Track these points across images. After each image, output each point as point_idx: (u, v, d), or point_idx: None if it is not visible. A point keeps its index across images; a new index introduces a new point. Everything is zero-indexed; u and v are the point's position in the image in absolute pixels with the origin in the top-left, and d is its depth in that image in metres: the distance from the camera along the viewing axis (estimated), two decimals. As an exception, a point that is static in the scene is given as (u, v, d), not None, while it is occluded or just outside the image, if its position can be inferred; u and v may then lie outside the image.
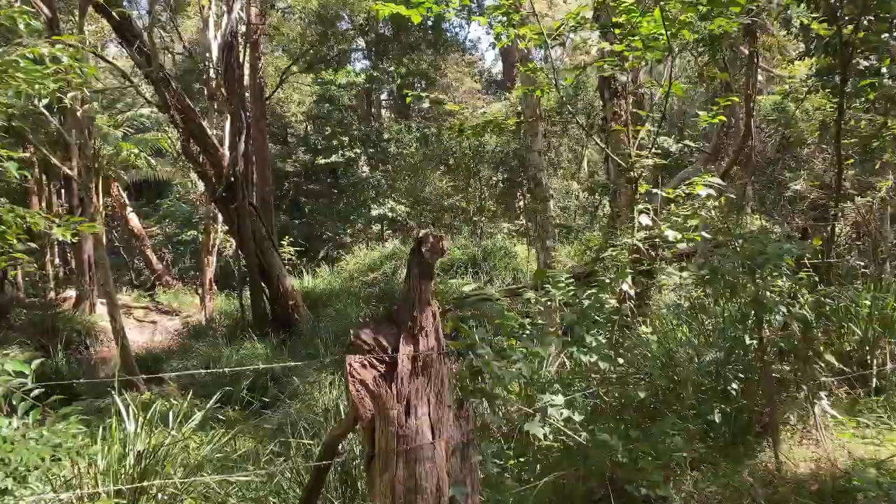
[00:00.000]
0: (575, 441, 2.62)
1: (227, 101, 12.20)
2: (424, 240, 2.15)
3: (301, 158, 22.30)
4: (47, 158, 10.17)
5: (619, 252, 3.20)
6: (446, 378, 2.04)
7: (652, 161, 3.47)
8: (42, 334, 13.40)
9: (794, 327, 3.02)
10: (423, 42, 21.24)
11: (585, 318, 2.96)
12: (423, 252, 2.14)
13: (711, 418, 2.74)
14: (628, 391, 2.82)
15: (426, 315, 2.09)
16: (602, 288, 3.06)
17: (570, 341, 2.83)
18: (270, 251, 13.09)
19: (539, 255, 6.63)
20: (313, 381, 8.97)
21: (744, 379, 2.98)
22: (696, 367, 2.98)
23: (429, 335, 2.06)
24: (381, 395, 1.92)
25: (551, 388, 2.65)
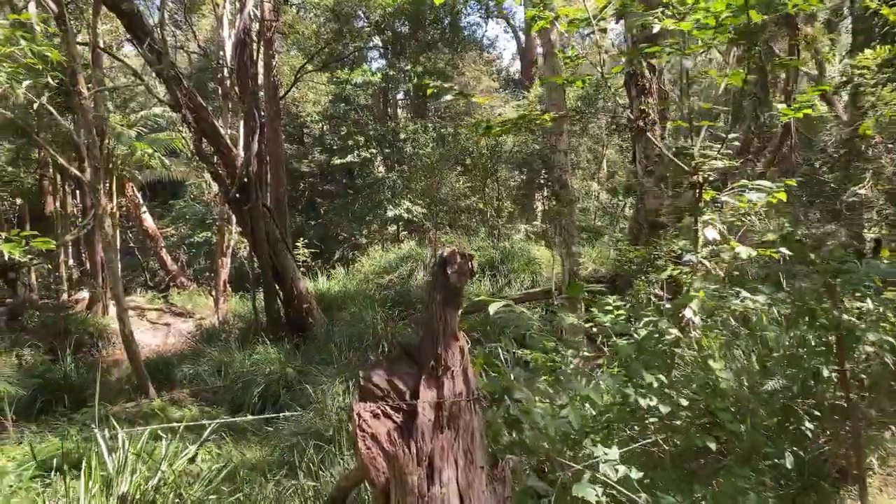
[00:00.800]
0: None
1: (240, 101, 11.93)
2: (450, 259, 1.80)
3: (316, 159, 22.05)
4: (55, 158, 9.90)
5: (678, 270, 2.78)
6: (478, 431, 1.68)
7: (723, 162, 3.04)
8: (54, 336, 13.24)
9: (883, 357, 2.62)
10: (441, 40, 20.88)
11: (642, 352, 2.57)
12: (448, 274, 1.79)
13: (781, 462, 2.35)
14: (692, 438, 2.42)
15: (452, 352, 1.74)
16: (661, 314, 2.66)
17: (626, 379, 2.44)
18: (284, 253, 12.81)
19: (564, 260, 6.27)
20: (326, 389, 8.64)
21: (819, 416, 2.58)
22: (757, 400, 2.58)
23: (456, 377, 1.71)
24: (398, 455, 1.57)
25: (601, 438, 2.27)
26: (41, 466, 6.60)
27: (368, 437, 1.66)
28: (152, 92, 11.11)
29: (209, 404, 9.53)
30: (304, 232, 21.16)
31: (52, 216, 17.12)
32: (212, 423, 5.17)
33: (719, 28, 2.65)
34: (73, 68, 7.79)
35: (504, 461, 1.82)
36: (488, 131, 3.35)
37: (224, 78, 15.39)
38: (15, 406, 8.48)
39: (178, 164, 20.14)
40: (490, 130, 3.34)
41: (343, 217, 22.60)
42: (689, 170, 2.87)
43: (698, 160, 2.88)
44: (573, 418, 2.05)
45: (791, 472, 2.33)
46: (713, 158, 2.94)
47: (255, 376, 9.83)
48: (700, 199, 2.85)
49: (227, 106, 16.24)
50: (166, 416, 8.55)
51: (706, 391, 2.50)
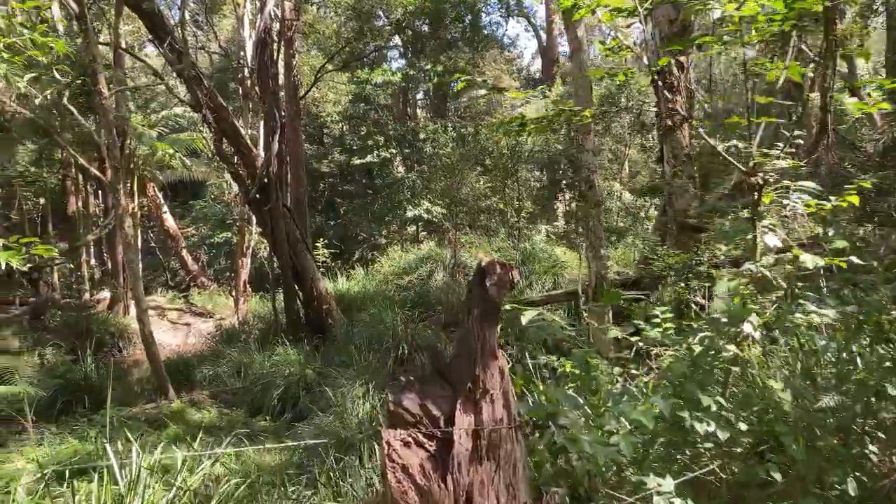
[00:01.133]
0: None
1: (261, 100, 11.87)
2: (489, 270, 1.64)
3: (336, 159, 22.01)
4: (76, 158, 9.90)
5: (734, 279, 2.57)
6: (520, 462, 1.52)
7: (787, 163, 2.81)
8: (76, 336, 13.29)
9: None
10: (462, 39, 20.73)
11: (697, 370, 2.35)
12: (486, 286, 1.64)
13: (844, 488, 2.15)
14: (752, 468, 2.21)
15: (491, 373, 1.58)
16: (717, 330, 2.44)
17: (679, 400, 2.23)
18: (304, 254, 12.74)
19: (591, 263, 6.08)
20: (346, 392, 8.52)
21: (885, 439, 2.37)
22: (813, 419, 2.37)
23: (495, 401, 1.54)
24: (433, 490, 1.39)
25: (655, 466, 2.08)
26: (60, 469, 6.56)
27: (399, 468, 1.48)
28: (173, 92, 11.09)
29: (228, 406, 9.47)
30: (324, 232, 21.12)
31: (74, 216, 17.24)
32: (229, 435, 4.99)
33: (789, 13, 2.44)
34: (94, 68, 7.76)
35: (549, 495, 1.65)
36: (522, 128, 3.18)
37: (244, 78, 15.37)
38: (35, 406, 8.49)
39: (199, 164, 20.20)
40: (524, 128, 3.17)
41: (362, 217, 22.53)
42: (748, 170, 2.66)
43: (759, 159, 2.67)
44: (625, 446, 1.86)
45: (854, 501, 2.13)
46: (776, 158, 2.72)
47: (275, 378, 9.75)
48: (759, 202, 2.63)
49: (248, 106, 16.22)
50: (185, 419, 8.49)
51: (768, 415, 2.30)
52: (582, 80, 6.54)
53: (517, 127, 3.22)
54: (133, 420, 8.44)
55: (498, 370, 1.62)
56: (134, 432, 8.08)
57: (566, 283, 14.97)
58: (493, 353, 1.65)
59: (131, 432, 8.03)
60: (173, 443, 7.84)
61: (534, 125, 3.21)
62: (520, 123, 3.19)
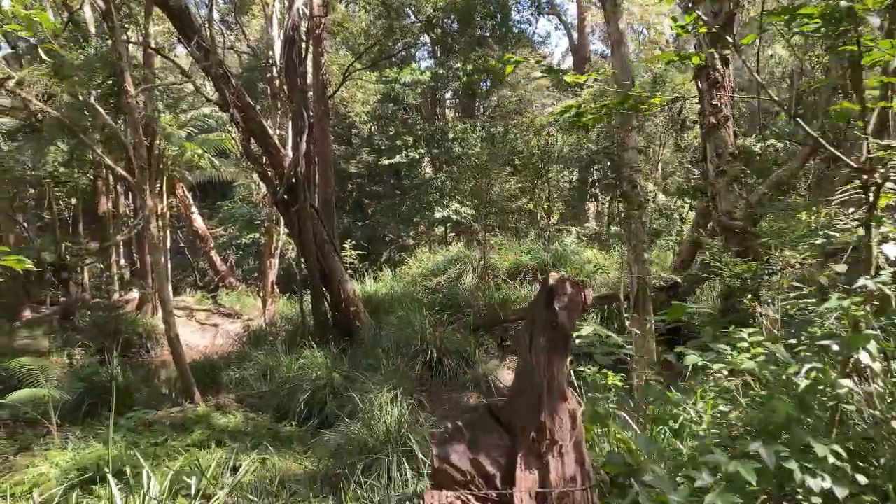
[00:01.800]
0: None
1: (289, 99, 11.71)
2: (558, 290, 1.35)
3: (364, 159, 21.86)
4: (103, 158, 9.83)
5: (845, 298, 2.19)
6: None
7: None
8: (104, 336, 13.30)
9: None
10: (492, 37, 20.41)
11: (805, 410, 1.99)
12: (555, 310, 1.34)
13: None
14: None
15: (561, 418, 1.27)
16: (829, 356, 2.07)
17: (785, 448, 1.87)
18: (332, 255, 12.55)
19: (633, 267, 5.75)
20: (374, 397, 8.27)
21: None
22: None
23: (565, 454, 1.24)
24: (490, 573, 1.12)
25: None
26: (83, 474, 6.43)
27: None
28: (200, 91, 10.99)
29: (254, 410, 9.29)
30: (352, 233, 20.98)
31: (105, 216, 17.32)
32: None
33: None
34: (121, 66, 7.64)
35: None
36: (579, 118, 2.87)
37: (273, 78, 15.26)
38: (61, 408, 8.40)
39: (228, 164, 20.20)
40: (581, 117, 2.86)
41: (390, 218, 22.36)
42: (863, 167, 2.29)
43: (879, 153, 2.29)
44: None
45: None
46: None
47: (302, 382, 9.55)
48: (876, 204, 2.26)
49: (276, 106, 16.12)
50: (211, 424, 8.33)
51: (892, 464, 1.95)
52: (623, 75, 6.21)
53: (573, 117, 2.91)
54: (158, 424, 8.30)
55: (568, 415, 1.31)
56: (158, 437, 7.97)
57: (599, 286, 14.60)
58: (563, 394, 1.35)
59: (155, 437, 7.93)
60: (202, 443, 7.73)
61: (594, 115, 2.89)
62: (576, 113, 2.88)
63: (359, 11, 20.68)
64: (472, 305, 13.31)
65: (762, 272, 3.74)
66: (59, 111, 11.41)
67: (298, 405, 9.20)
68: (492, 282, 14.79)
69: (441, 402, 10.46)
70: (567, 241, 18.63)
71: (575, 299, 1.38)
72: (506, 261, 16.13)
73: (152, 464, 6.94)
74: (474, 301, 13.53)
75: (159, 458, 7.11)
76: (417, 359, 11.05)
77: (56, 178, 16.34)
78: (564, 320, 1.37)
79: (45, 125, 13.17)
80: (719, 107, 8.16)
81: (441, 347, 11.31)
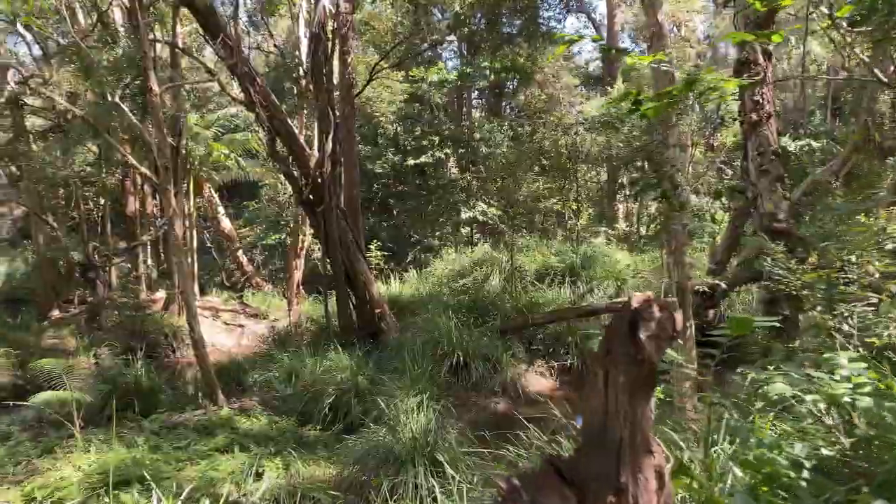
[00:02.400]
0: None
1: (315, 98, 11.58)
2: (644, 314, 1.09)
3: (390, 159, 21.72)
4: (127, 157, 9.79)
5: None
6: None
7: None
8: (130, 336, 13.30)
9: None
10: (520, 35, 20.12)
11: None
12: (640, 340, 1.08)
13: None
14: None
15: (646, 477, 1.02)
16: None
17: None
18: (357, 256, 12.40)
19: (672, 270, 5.46)
20: (399, 403, 8.07)
21: None
22: None
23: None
24: None
25: None
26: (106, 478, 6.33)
27: None
28: (226, 89, 10.89)
29: (278, 413, 9.15)
30: (377, 234, 20.84)
31: (133, 216, 17.40)
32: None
33: None
34: (145, 64, 7.55)
35: None
36: (638, 106, 2.60)
37: (299, 77, 15.17)
38: (85, 410, 8.34)
39: (254, 165, 20.22)
40: (640, 105, 2.59)
41: (416, 219, 22.19)
42: None
43: None
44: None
45: None
46: None
47: (326, 385, 9.38)
48: None
49: (303, 105, 16.04)
50: (234, 427, 8.20)
51: None
52: (661, 70, 5.91)
53: (633, 104, 2.64)
54: (182, 427, 8.20)
55: (654, 472, 1.05)
56: (181, 440, 7.86)
57: (629, 289, 14.26)
58: (648, 446, 1.10)
59: (178, 441, 7.82)
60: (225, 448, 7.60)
61: (655, 104, 2.61)
62: (634, 101, 2.61)
63: (385, 10, 20.53)
64: (498, 308, 13.05)
65: (837, 282, 3.43)
66: (84, 111, 11.42)
67: (323, 409, 9.04)
68: (519, 284, 14.51)
69: (467, 407, 10.23)
70: (596, 242, 18.30)
71: (664, 326, 1.11)
72: (533, 262, 15.83)
73: (174, 468, 6.84)
74: (501, 303, 13.27)
75: (182, 463, 6.99)
76: (443, 362, 10.85)
77: (84, 179, 16.45)
78: (652, 353, 1.10)
79: (72, 125, 13.24)
80: (761, 103, 7.81)
81: (467, 351, 11.09)
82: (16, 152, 14.18)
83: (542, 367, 11.82)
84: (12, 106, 13.76)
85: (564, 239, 19.09)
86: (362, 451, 6.97)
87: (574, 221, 19.34)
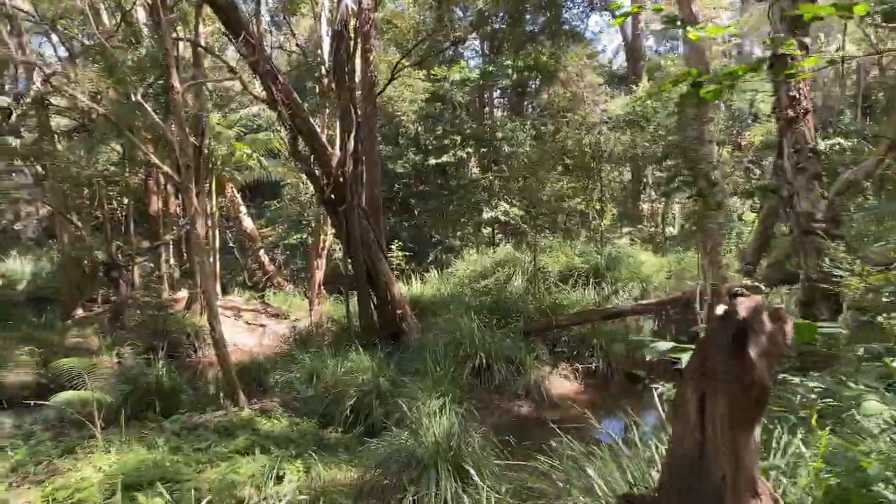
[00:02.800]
0: None
1: (337, 96, 11.48)
2: (754, 325, 0.90)
3: (411, 159, 21.59)
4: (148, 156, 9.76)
5: None
6: None
7: None
8: (153, 335, 13.31)
9: None
10: (543, 33, 19.89)
11: None
12: (749, 357, 0.90)
13: None
14: None
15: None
16: None
17: None
18: (379, 256, 12.27)
19: (707, 271, 5.25)
20: (422, 405, 7.92)
21: None
22: None
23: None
24: None
25: None
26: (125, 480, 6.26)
27: None
28: (248, 88, 10.83)
29: (299, 415, 9.04)
30: (398, 234, 20.72)
31: (156, 216, 17.46)
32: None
33: None
34: (167, 61, 7.49)
35: None
36: (697, 88, 2.39)
37: (321, 76, 15.10)
38: (106, 409, 8.30)
39: (276, 164, 20.22)
40: (700, 88, 2.38)
41: (437, 219, 22.03)
42: None
43: None
44: None
45: None
46: None
47: (348, 387, 9.26)
48: None
49: (324, 104, 15.97)
50: (255, 429, 8.10)
51: None
52: (696, 58, 5.70)
53: (691, 86, 2.43)
54: (202, 428, 8.13)
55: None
56: (202, 442, 7.78)
57: (653, 290, 13.97)
58: (752, 487, 0.92)
59: (199, 442, 7.74)
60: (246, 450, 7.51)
61: (716, 87, 2.39)
62: (694, 83, 2.39)
63: (408, 8, 20.41)
64: (521, 309, 12.86)
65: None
66: (107, 110, 11.44)
67: (344, 411, 8.92)
68: (542, 285, 14.29)
69: (490, 410, 10.05)
70: (620, 242, 18.01)
71: (776, 340, 0.92)
72: (557, 263, 15.60)
73: (194, 470, 6.75)
74: (524, 305, 13.07)
75: (202, 465, 6.90)
76: (465, 364, 10.68)
77: (107, 178, 16.53)
78: (763, 374, 0.91)
79: (96, 124, 13.29)
80: (798, 98, 7.53)
81: (490, 353, 10.92)
82: (41, 152, 14.27)
83: (567, 370, 11.61)
84: (38, 106, 13.85)
85: (588, 240, 18.81)
86: (384, 455, 6.82)
87: (598, 222, 19.06)
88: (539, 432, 9.65)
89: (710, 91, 2.44)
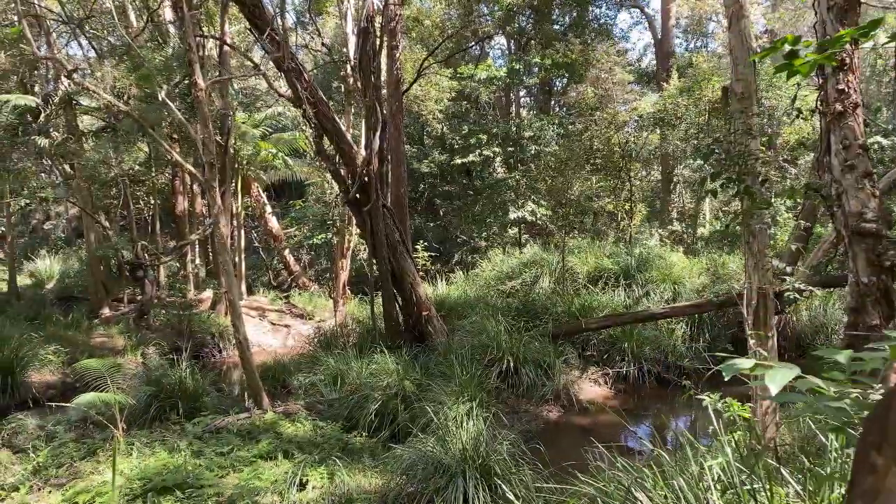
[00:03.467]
0: None
1: (362, 94, 11.31)
2: None
3: (437, 158, 21.40)
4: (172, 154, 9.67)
5: None
6: None
7: None
8: (177, 335, 13.28)
9: None
10: (570, 30, 19.56)
11: None
12: None
13: None
14: None
15: None
16: None
17: None
18: (404, 256, 12.07)
19: (752, 275, 4.94)
20: (448, 410, 7.69)
21: None
22: None
23: None
24: None
25: None
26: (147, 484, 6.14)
27: None
28: (272, 86, 10.71)
29: (323, 418, 8.85)
30: (423, 234, 20.54)
31: (182, 215, 17.50)
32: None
33: None
34: (190, 57, 7.36)
35: None
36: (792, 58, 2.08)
37: (347, 75, 14.97)
38: (129, 411, 8.21)
39: (301, 164, 20.16)
40: (795, 57, 2.07)
41: (462, 219, 21.80)
42: None
43: None
44: None
45: None
46: None
47: (372, 390, 9.06)
48: None
49: (350, 103, 15.84)
50: (278, 432, 7.94)
51: None
52: (741, 53, 5.39)
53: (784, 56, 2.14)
54: (225, 431, 7.98)
55: None
56: (224, 446, 7.64)
57: (687, 293, 13.56)
58: None
59: (221, 446, 7.60)
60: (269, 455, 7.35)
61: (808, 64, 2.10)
62: (788, 52, 2.12)
63: (434, 6, 20.20)
64: (549, 312, 12.57)
65: None
66: (133, 109, 11.42)
67: (369, 415, 8.71)
68: (571, 287, 13.98)
69: (518, 415, 9.79)
70: (650, 243, 17.60)
71: None
72: (585, 264, 15.25)
73: (216, 475, 6.60)
74: (552, 307, 12.78)
75: (224, 470, 6.75)
76: (492, 368, 10.44)
77: (134, 178, 16.60)
78: None
79: (122, 123, 13.31)
80: (847, 92, 7.11)
81: (518, 356, 10.66)
82: (68, 151, 14.35)
83: (597, 374, 11.29)
84: (66, 105, 13.92)
85: (617, 240, 18.44)
86: (410, 462, 6.61)
87: (627, 222, 18.68)
88: (569, 439, 9.38)
89: (808, 62, 2.17)
